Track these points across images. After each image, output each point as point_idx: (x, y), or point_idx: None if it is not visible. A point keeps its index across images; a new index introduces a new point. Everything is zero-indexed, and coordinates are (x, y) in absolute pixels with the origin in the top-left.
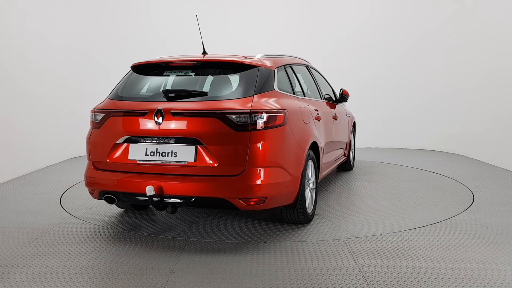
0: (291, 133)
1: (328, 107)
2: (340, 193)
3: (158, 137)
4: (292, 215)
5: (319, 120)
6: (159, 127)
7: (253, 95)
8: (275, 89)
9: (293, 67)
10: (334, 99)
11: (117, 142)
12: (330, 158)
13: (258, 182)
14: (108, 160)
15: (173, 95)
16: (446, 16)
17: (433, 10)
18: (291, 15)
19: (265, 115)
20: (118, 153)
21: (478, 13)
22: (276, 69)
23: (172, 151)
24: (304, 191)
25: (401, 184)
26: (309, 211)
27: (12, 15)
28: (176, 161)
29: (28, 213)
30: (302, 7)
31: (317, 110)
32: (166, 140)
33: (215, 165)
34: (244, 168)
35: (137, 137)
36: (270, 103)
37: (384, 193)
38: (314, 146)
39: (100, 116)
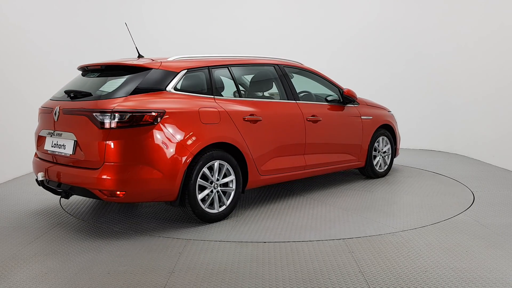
0: (168, 132)
1: (300, 109)
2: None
3: (56, 132)
4: (185, 212)
5: (253, 122)
6: (56, 123)
7: (126, 96)
8: (169, 90)
9: (231, 68)
10: (341, 100)
11: (39, 134)
12: (294, 163)
13: (113, 176)
14: (37, 150)
15: (72, 95)
16: (444, 18)
17: (431, 14)
18: (293, 14)
19: (127, 115)
20: (41, 144)
21: (478, 14)
22: (184, 71)
23: (63, 144)
24: (195, 190)
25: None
26: (214, 210)
27: (12, 16)
28: (65, 153)
29: (28, 213)
30: (307, 6)
31: (252, 112)
32: (59, 135)
33: (83, 158)
34: (103, 162)
35: (48, 131)
36: (144, 103)
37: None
38: (233, 147)
39: (38, 113)
